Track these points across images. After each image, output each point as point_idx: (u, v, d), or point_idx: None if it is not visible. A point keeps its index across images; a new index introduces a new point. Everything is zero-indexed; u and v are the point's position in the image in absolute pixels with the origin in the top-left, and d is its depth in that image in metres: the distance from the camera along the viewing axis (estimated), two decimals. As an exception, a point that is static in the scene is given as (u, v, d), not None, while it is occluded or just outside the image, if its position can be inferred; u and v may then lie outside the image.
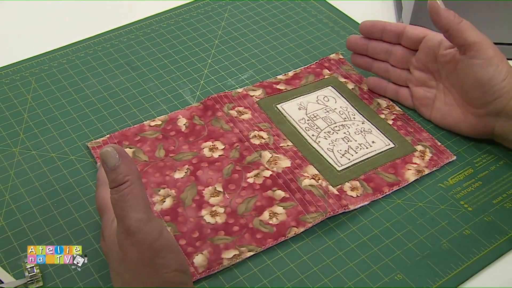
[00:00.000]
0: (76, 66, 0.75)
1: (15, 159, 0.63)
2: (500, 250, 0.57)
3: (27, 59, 0.75)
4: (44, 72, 0.73)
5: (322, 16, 0.84)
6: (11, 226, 0.57)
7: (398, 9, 0.84)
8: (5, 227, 0.57)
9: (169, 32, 0.80)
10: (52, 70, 0.74)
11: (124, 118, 0.68)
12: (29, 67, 0.74)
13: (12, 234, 0.57)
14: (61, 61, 0.75)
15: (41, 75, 0.73)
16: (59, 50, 0.77)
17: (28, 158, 0.63)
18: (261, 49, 0.78)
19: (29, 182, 0.61)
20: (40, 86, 0.72)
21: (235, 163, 0.63)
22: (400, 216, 0.59)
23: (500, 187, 0.62)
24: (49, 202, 0.59)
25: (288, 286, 0.53)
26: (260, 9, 0.85)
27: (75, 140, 0.65)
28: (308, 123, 0.68)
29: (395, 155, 0.64)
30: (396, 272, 0.55)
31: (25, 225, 0.57)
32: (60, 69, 0.74)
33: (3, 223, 0.57)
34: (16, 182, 0.61)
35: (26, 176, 0.62)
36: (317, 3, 0.86)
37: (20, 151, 0.64)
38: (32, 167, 0.63)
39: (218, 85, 0.73)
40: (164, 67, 0.75)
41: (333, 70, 0.74)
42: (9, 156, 0.64)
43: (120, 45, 0.78)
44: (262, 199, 0.60)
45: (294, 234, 0.57)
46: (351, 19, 0.83)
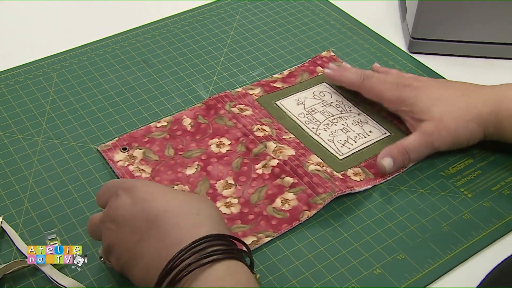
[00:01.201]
0: (95, 63, 0.79)
1: (38, 147, 0.67)
2: (497, 233, 0.60)
3: (49, 56, 0.79)
4: (65, 69, 0.77)
5: (329, 18, 0.88)
6: (34, 207, 0.61)
7: (402, 10, 0.87)
8: (30, 209, 0.61)
9: (183, 32, 0.84)
10: (73, 67, 0.78)
11: (141, 110, 0.72)
12: (51, 64, 0.78)
13: (36, 215, 0.60)
14: (81, 58, 0.79)
15: (62, 71, 0.77)
16: (79, 49, 0.81)
17: (50, 147, 0.67)
18: (271, 48, 0.82)
19: (51, 168, 0.65)
20: (61, 81, 0.76)
21: (242, 156, 0.66)
22: (402, 201, 0.62)
23: (498, 175, 0.65)
24: (70, 186, 0.63)
25: (296, 264, 0.57)
26: (270, 11, 0.89)
27: (95, 130, 0.69)
28: (307, 117, 0.71)
29: (391, 142, 0.67)
30: (398, 252, 0.58)
31: (47, 207, 0.61)
32: (80, 65, 0.78)
33: (28, 204, 0.61)
34: (39, 168, 0.65)
35: (49, 162, 0.65)
36: (325, 6, 0.90)
37: (43, 140, 0.68)
38: (54, 155, 0.66)
39: (231, 81, 0.76)
40: (178, 64, 0.79)
41: (326, 67, 0.78)
42: (32, 145, 0.67)
43: (137, 44, 0.82)
44: (273, 188, 0.63)
45: (307, 217, 0.60)
46: (358, 22, 0.87)
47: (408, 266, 0.56)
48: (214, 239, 0.46)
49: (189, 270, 0.44)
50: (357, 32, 0.85)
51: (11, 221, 0.59)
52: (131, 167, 0.64)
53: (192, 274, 0.44)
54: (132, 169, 0.64)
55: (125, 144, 0.67)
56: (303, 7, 0.90)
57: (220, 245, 0.46)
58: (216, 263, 0.45)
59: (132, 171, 0.64)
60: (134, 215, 0.48)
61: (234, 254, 0.46)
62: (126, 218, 0.48)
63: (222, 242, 0.46)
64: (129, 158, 0.65)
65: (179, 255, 0.45)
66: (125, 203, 0.49)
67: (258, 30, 0.85)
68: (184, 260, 0.44)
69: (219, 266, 0.45)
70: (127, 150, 0.66)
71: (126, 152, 0.66)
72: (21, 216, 0.60)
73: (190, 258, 0.45)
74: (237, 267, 0.46)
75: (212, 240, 0.46)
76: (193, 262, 0.44)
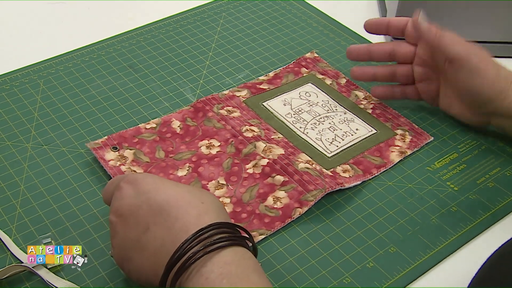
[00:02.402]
0: (82, 69, 0.79)
1: (28, 153, 0.67)
2: (484, 224, 0.61)
3: (35, 63, 0.79)
4: (52, 75, 0.78)
5: (311, 21, 0.89)
6: (27, 213, 0.61)
7: (382, 10, 0.89)
8: (22, 214, 0.61)
9: (168, 38, 0.85)
10: (59, 74, 0.78)
11: (129, 114, 0.72)
12: (37, 71, 0.78)
13: (29, 220, 0.60)
14: (67, 65, 0.79)
15: (48, 78, 0.77)
16: (65, 55, 0.81)
17: (40, 152, 0.67)
18: (255, 50, 0.83)
19: (42, 173, 0.65)
20: (48, 88, 0.76)
21: (233, 157, 0.67)
22: (391, 196, 0.64)
23: (483, 169, 0.67)
24: (62, 191, 0.63)
25: (290, 260, 0.57)
26: (252, 15, 0.90)
27: (84, 135, 0.69)
28: (295, 117, 0.72)
29: (378, 139, 0.69)
30: (389, 246, 0.59)
31: (40, 212, 0.61)
32: (67, 72, 0.78)
33: (20, 210, 0.61)
34: (30, 174, 0.65)
35: (39, 168, 0.65)
36: (306, 9, 0.91)
37: (33, 146, 0.68)
38: (44, 160, 0.66)
39: (217, 84, 0.77)
40: (165, 68, 0.79)
41: (310, 68, 0.79)
42: (22, 151, 0.67)
43: (123, 50, 0.82)
44: (264, 186, 0.64)
45: (299, 214, 0.61)
46: (339, 24, 0.89)
47: (400, 258, 0.58)
48: (219, 227, 0.47)
49: (197, 257, 0.45)
50: (339, 34, 0.86)
51: (4, 227, 0.59)
52: (123, 167, 0.65)
53: (200, 261, 0.45)
54: (124, 169, 0.65)
55: (115, 143, 0.67)
56: (285, 10, 0.91)
57: (225, 233, 0.47)
58: (223, 249, 0.46)
59: (124, 171, 0.64)
60: (138, 206, 0.49)
61: (239, 241, 0.47)
62: (131, 209, 0.49)
63: (226, 229, 0.47)
64: (120, 158, 0.66)
65: (186, 243, 0.46)
66: (129, 195, 0.50)
67: (242, 33, 0.86)
68: (192, 247, 0.45)
69: (226, 252, 0.46)
70: (118, 150, 0.67)
71: (117, 152, 0.66)
72: (14, 221, 0.60)
73: (197, 246, 0.46)
74: (243, 252, 0.47)
75: (217, 228, 0.47)
76: (200, 250, 0.45)
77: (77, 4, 0.93)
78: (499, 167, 0.67)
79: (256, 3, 0.92)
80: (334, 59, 0.82)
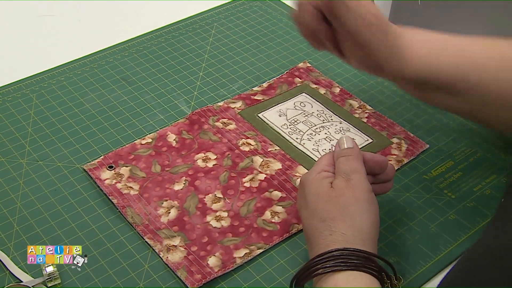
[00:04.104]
0: (74, 82, 0.78)
1: (23, 169, 0.66)
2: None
3: (27, 78, 0.79)
4: (44, 89, 0.77)
5: (303, 30, 0.89)
6: (25, 230, 0.60)
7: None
8: (20, 232, 0.60)
9: (160, 49, 0.85)
10: (52, 87, 0.77)
11: (124, 128, 0.72)
12: (29, 85, 0.78)
13: (27, 237, 0.59)
14: (59, 78, 0.79)
15: (41, 92, 0.77)
16: (57, 69, 0.80)
17: (35, 168, 0.67)
18: (248, 61, 0.83)
19: (38, 190, 0.64)
20: (41, 102, 0.75)
21: (229, 170, 0.67)
22: (390, 206, 0.64)
23: (479, 176, 0.67)
24: (59, 207, 0.63)
25: (292, 272, 0.57)
26: (244, 25, 0.90)
27: (79, 150, 0.69)
28: (291, 127, 0.72)
29: (374, 148, 0.69)
30: (390, 256, 0.59)
31: (38, 229, 0.60)
32: (59, 86, 0.78)
33: (17, 228, 0.60)
34: (26, 191, 0.64)
35: (35, 184, 0.65)
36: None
37: (28, 162, 0.67)
38: (40, 176, 0.66)
39: (211, 95, 0.77)
40: (158, 80, 0.79)
41: (304, 78, 0.79)
42: (17, 167, 0.67)
43: (115, 62, 0.82)
44: (261, 201, 0.64)
45: (297, 230, 0.61)
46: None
47: (401, 268, 0.58)
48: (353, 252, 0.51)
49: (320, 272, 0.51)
50: (331, 43, 0.87)
51: (1, 245, 0.58)
52: (118, 185, 0.64)
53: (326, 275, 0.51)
54: (120, 186, 0.64)
55: (111, 162, 0.67)
56: (276, 19, 0.91)
57: (355, 259, 0.51)
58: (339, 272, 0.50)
59: (120, 189, 0.64)
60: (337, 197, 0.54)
61: (363, 268, 0.51)
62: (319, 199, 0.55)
63: (358, 255, 0.51)
64: (116, 176, 0.65)
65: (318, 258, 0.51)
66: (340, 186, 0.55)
67: (234, 43, 0.86)
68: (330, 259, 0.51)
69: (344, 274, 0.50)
70: (114, 168, 0.66)
71: (112, 170, 0.66)
72: (11, 240, 0.59)
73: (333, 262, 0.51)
74: (362, 278, 0.50)
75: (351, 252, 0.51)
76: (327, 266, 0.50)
77: (66, 16, 0.92)
78: (495, 174, 0.67)
79: (247, 13, 0.92)
80: (327, 68, 0.82)
